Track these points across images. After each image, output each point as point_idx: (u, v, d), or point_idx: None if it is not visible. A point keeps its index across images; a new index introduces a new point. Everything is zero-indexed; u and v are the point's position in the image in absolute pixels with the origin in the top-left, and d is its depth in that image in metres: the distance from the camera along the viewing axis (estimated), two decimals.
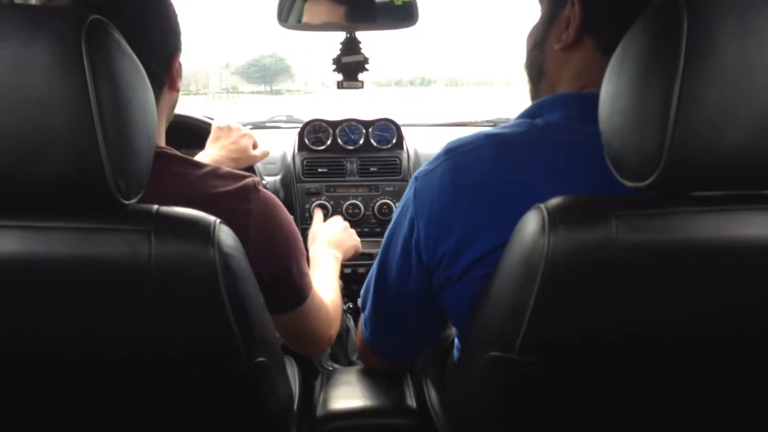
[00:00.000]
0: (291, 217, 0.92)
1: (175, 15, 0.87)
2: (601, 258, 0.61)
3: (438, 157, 0.81)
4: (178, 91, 0.90)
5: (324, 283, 1.18)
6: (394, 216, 0.88)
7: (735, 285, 0.64)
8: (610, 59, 0.76)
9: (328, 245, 1.40)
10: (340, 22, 1.35)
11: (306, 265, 0.96)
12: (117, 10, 0.74)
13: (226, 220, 0.67)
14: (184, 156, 0.85)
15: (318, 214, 1.73)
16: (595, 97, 0.69)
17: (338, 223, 1.55)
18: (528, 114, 0.82)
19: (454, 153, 0.79)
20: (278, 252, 0.88)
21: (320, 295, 1.04)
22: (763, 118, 0.57)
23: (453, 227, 0.77)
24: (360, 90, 1.39)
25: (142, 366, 0.70)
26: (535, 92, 0.91)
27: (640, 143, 0.60)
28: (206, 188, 0.81)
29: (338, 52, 1.36)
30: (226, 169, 0.86)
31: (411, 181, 0.84)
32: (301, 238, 0.94)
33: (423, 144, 2.00)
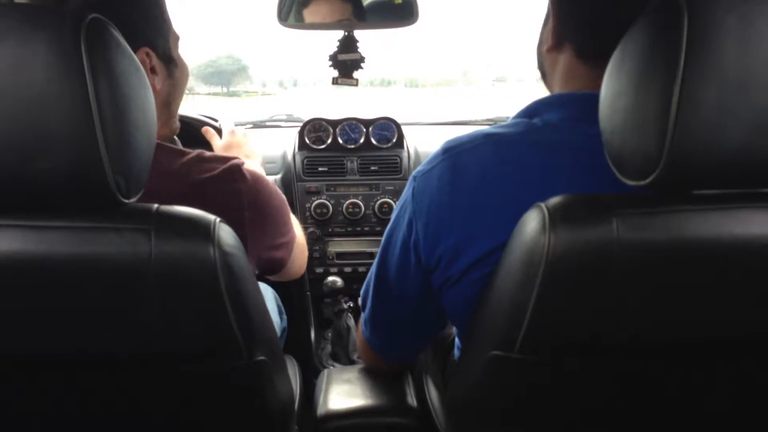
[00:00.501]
0: (275, 187, 0.93)
1: (147, 10, 0.85)
2: (601, 257, 0.61)
3: (436, 156, 0.81)
4: (153, 87, 0.85)
5: None
6: (393, 216, 0.88)
7: (736, 283, 0.64)
8: (588, 66, 0.79)
9: (250, 159, 1.30)
10: (340, 21, 1.35)
11: (291, 219, 1.00)
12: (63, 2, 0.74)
13: (219, 203, 0.68)
14: (169, 145, 0.85)
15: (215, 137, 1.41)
16: (592, 97, 0.69)
17: (235, 139, 1.37)
18: (526, 113, 0.82)
19: (452, 152, 0.79)
20: (272, 223, 0.90)
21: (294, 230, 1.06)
22: (764, 117, 0.57)
23: (452, 227, 0.77)
24: (324, 91, 1.38)
25: (142, 364, 0.70)
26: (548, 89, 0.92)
27: (640, 142, 0.60)
28: (193, 174, 0.81)
29: (335, 48, 1.36)
30: (210, 153, 0.86)
31: (409, 180, 0.84)
32: (286, 200, 0.97)
33: (423, 142, 2.00)
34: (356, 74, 1.37)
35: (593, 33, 0.78)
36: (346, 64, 1.35)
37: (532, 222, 0.64)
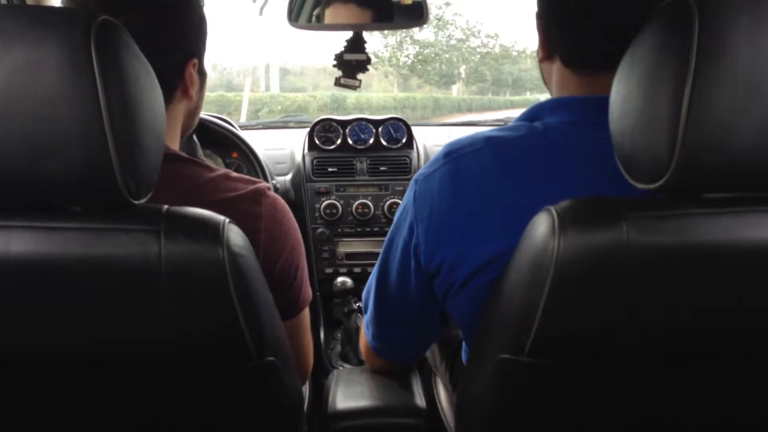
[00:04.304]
0: (297, 226, 0.92)
1: (198, 22, 0.87)
2: (611, 260, 0.61)
3: (437, 159, 0.80)
4: (191, 98, 0.89)
5: None
6: (395, 219, 0.87)
7: (747, 287, 0.63)
8: (577, 73, 0.80)
9: None
10: (350, 22, 1.34)
11: (306, 275, 0.96)
12: (128, 9, 0.76)
13: (237, 223, 0.68)
14: (197, 159, 0.85)
15: None
16: (593, 101, 0.68)
17: None
18: (527, 117, 0.81)
19: (453, 156, 0.78)
20: (286, 256, 0.88)
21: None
22: None
23: (453, 232, 0.76)
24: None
25: (151, 365, 0.70)
26: None
27: (650, 144, 0.59)
28: (217, 191, 0.81)
29: (342, 48, 1.35)
30: (237, 174, 0.86)
31: (411, 183, 0.83)
32: (304, 249, 0.94)
33: (433, 143, 2.00)
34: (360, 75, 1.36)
35: (576, 40, 0.78)
36: (351, 64, 1.34)
37: (541, 225, 0.63)
